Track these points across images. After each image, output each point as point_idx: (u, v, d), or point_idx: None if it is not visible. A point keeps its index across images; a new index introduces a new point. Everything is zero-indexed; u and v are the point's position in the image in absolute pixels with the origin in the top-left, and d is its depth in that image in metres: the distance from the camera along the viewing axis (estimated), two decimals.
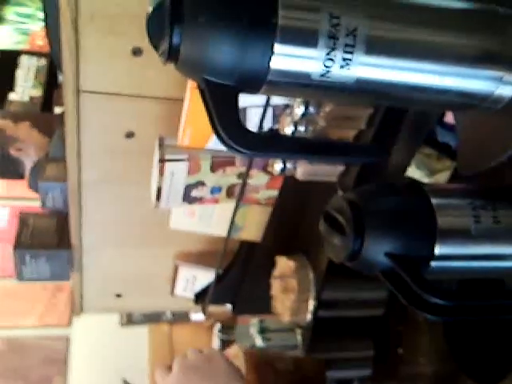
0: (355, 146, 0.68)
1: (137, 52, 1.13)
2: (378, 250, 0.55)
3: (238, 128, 0.51)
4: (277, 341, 1.21)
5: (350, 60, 0.50)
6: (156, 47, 0.52)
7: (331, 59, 0.49)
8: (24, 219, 1.55)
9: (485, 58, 0.55)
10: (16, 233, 1.49)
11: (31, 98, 1.79)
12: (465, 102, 0.57)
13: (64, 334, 2.44)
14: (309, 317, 1.13)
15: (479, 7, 0.56)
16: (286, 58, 0.49)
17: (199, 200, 1.22)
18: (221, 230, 1.33)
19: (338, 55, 0.49)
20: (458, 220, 0.59)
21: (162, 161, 1.13)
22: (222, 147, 0.54)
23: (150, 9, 0.52)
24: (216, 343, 1.53)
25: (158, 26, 0.50)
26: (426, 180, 0.93)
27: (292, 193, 1.21)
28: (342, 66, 0.50)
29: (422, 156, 0.94)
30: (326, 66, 0.49)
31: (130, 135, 1.26)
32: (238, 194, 1.18)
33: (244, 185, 1.16)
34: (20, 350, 2.42)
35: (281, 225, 1.31)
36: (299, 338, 1.16)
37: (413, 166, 0.94)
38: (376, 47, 0.51)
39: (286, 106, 0.95)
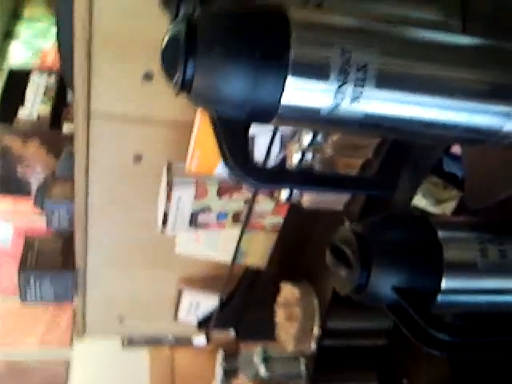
0: (361, 179, 0.68)
1: (148, 76, 1.15)
2: (384, 284, 0.55)
3: (247, 161, 0.51)
4: (280, 370, 1.20)
5: (361, 94, 0.50)
6: (169, 77, 0.52)
7: (342, 93, 0.50)
8: (29, 240, 1.55)
9: (493, 94, 0.55)
10: (21, 254, 1.49)
11: (40, 116, 1.80)
12: (473, 137, 0.57)
13: (65, 356, 2.42)
14: (313, 346, 1.12)
15: (487, 43, 0.56)
16: (297, 92, 0.49)
17: (205, 225, 1.22)
18: (226, 256, 1.33)
19: (349, 89, 0.50)
20: (464, 253, 0.58)
21: (169, 186, 1.14)
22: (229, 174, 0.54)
23: (166, 37, 0.52)
24: (219, 372, 1.52)
25: (172, 57, 0.50)
26: (432, 209, 0.93)
27: (297, 220, 1.21)
28: (352, 101, 0.50)
29: (428, 185, 0.95)
30: (337, 101, 0.50)
31: (138, 158, 1.27)
32: (244, 219, 1.18)
33: (250, 211, 1.17)
34: (20, 373, 2.40)
35: (286, 252, 1.30)
36: (303, 367, 1.15)
37: (419, 195, 0.94)
38: (386, 82, 0.51)
39: (294, 134, 0.96)
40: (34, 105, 1.81)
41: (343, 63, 0.49)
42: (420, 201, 0.94)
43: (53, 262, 1.48)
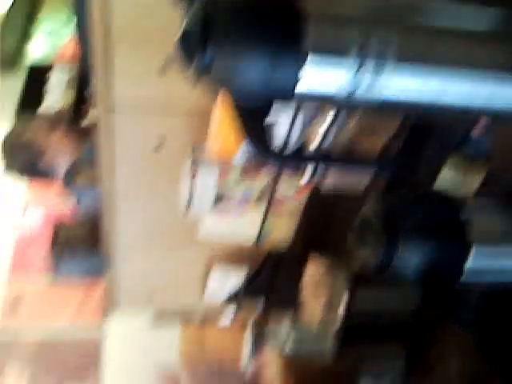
0: (383, 158, 0.68)
1: (167, 65, 1.15)
2: (409, 262, 0.56)
3: (269, 140, 0.52)
4: (307, 345, 1.21)
5: (378, 80, 0.50)
6: (187, 63, 0.53)
7: (360, 77, 0.50)
8: (59, 223, 1.59)
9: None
10: (52, 234, 1.53)
11: (61, 109, 1.83)
12: (492, 119, 0.57)
13: (96, 333, 2.47)
14: (339, 322, 1.13)
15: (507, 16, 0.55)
16: (314, 77, 0.49)
17: (229, 207, 1.23)
18: (249, 239, 1.34)
19: (367, 73, 0.50)
20: (490, 232, 0.58)
21: (193, 168, 1.15)
22: (250, 157, 0.55)
23: (183, 24, 0.53)
24: (247, 347, 1.54)
25: (190, 44, 0.51)
26: (458, 182, 0.92)
27: (320, 202, 1.21)
28: (370, 85, 0.50)
29: (455, 158, 0.93)
30: (354, 84, 0.50)
31: (160, 145, 1.28)
32: (267, 202, 1.19)
33: (273, 192, 1.17)
34: (52, 350, 2.46)
35: (310, 231, 1.31)
36: (329, 343, 1.16)
37: (446, 168, 0.93)
38: (404, 68, 0.51)
39: (314, 119, 0.96)
40: (56, 97, 1.83)
41: (361, 47, 0.49)
42: (447, 174, 0.93)
43: (81, 243, 1.52)
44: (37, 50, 2.10)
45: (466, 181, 0.91)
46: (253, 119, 0.53)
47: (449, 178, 0.92)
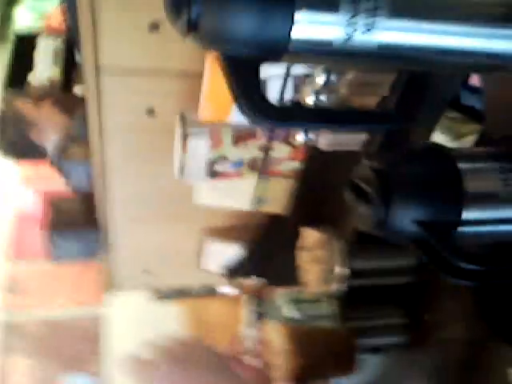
0: (378, 113, 0.66)
1: (154, 26, 1.12)
2: (406, 218, 0.55)
3: (260, 100, 0.50)
4: (307, 311, 1.21)
5: (373, 24, 0.48)
6: (174, 21, 0.51)
7: (353, 24, 0.48)
8: (50, 202, 1.57)
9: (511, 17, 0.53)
10: (44, 216, 1.52)
11: (50, 80, 1.80)
12: (492, 63, 0.56)
13: (95, 313, 2.49)
14: (337, 286, 1.13)
15: None
16: (307, 26, 0.48)
17: (222, 174, 1.22)
18: (244, 204, 1.34)
19: (360, 20, 0.48)
20: (485, 184, 0.58)
21: (184, 137, 1.13)
22: (242, 120, 0.53)
23: None
24: (249, 316, 1.55)
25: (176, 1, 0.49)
26: (451, 145, 0.92)
27: (315, 163, 1.20)
28: (364, 31, 0.48)
29: (446, 120, 0.93)
30: (348, 32, 0.48)
31: (150, 111, 1.26)
32: (261, 166, 1.18)
33: (266, 157, 1.16)
34: (53, 331, 2.48)
35: (305, 196, 1.30)
36: (330, 307, 1.16)
37: (438, 131, 0.92)
38: (399, 10, 0.49)
39: (307, 76, 0.94)
40: (44, 68, 1.80)
41: None
42: (439, 137, 0.93)
43: (76, 221, 1.51)
44: (22, 18, 2.06)
45: (459, 143, 0.90)
46: (245, 74, 0.51)
47: (441, 141, 0.91)
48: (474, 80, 0.86)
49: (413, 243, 0.56)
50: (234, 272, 1.44)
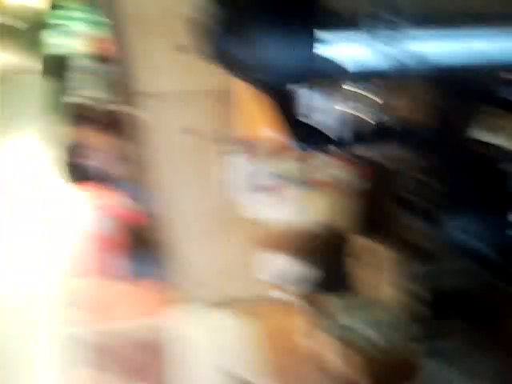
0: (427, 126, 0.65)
1: (184, 49, 1.14)
2: (456, 229, 0.54)
3: (296, 123, 0.51)
4: (361, 318, 1.20)
5: (396, 37, 0.48)
6: (203, 50, 0.52)
7: (375, 40, 0.48)
8: (124, 224, 1.62)
9: None
10: (119, 237, 1.56)
11: (94, 101, 1.83)
12: None
13: (156, 327, 2.52)
14: (390, 294, 1.12)
15: None
16: (331, 48, 0.48)
17: (264, 187, 1.23)
18: (291, 215, 1.33)
19: (382, 35, 0.48)
20: None
21: (221, 154, 1.14)
22: (276, 134, 0.54)
23: (197, 10, 0.52)
24: (303, 324, 1.55)
25: (205, 30, 0.50)
26: (491, 139, 0.90)
27: (383, 180, 1.18)
28: (386, 45, 0.48)
29: (484, 116, 0.91)
30: (372, 48, 0.48)
31: (190, 131, 1.28)
32: (300, 177, 1.17)
33: (304, 167, 1.16)
34: (116, 343, 2.52)
35: (355, 206, 1.29)
36: (383, 315, 1.14)
37: (477, 128, 0.91)
38: (420, 20, 0.49)
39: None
40: (87, 93, 1.84)
41: (373, 10, 0.47)
42: (479, 134, 0.91)
43: (146, 241, 1.55)
44: (54, 40, 2.10)
45: (500, 137, 0.88)
46: (279, 99, 0.51)
47: (481, 138, 0.89)
48: None
49: (463, 253, 0.55)
50: (287, 281, 1.44)
